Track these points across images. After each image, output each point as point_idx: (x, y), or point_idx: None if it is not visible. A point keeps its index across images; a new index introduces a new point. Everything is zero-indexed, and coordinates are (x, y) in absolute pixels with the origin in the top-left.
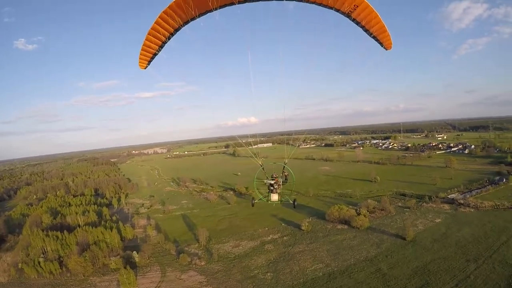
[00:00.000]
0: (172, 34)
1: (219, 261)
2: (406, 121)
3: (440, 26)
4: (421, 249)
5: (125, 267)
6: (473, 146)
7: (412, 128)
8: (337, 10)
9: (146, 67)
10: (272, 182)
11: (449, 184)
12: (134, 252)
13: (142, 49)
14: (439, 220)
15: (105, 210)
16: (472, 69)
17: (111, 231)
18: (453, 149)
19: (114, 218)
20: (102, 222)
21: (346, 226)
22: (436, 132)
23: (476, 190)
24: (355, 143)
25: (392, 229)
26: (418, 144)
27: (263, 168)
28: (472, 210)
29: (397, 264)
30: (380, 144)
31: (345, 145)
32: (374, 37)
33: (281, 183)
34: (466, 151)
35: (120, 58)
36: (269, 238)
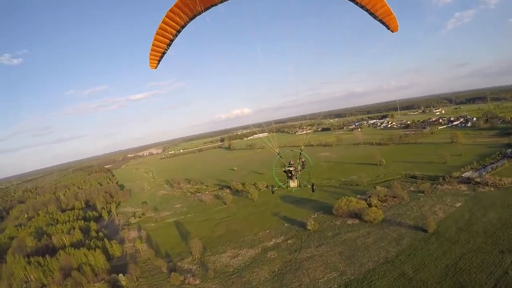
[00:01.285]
0: (178, 31)
1: (216, 278)
2: (400, 98)
3: (426, 1)
4: (447, 242)
5: None
6: (475, 119)
7: (407, 105)
8: None
9: (157, 66)
10: (291, 169)
11: (459, 161)
12: (121, 274)
13: (152, 49)
14: (460, 204)
15: (92, 225)
16: (462, 43)
17: (95, 251)
18: (454, 123)
19: (100, 234)
20: (87, 241)
21: (357, 221)
22: (433, 107)
23: (490, 166)
24: (352, 125)
25: (409, 220)
26: (418, 121)
27: (280, 157)
28: (492, 189)
29: (423, 265)
30: (378, 124)
31: (343, 128)
32: (379, 20)
33: (299, 169)
34: (469, 124)
35: (107, 62)
36: (271, 243)
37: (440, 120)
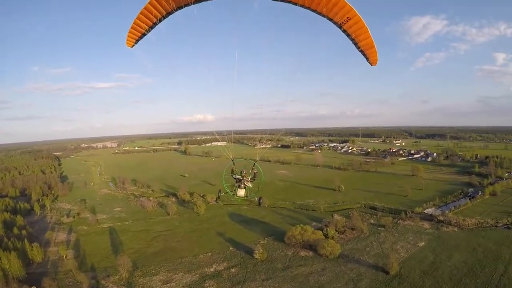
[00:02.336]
0: (164, 17)
1: None
2: (362, 126)
3: (400, 38)
4: (410, 287)
5: None
6: (435, 154)
7: (368, 133)
8: (330, 20)
9: (133, 45)
10: (241, 177)
11: (421, 195)
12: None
13: (132, 27)
14: (423, 243)
15: (19, 219)
16: (428, 81)
17: (10, 253)
18: (415, 156)
19: (23, 232)
20: (5, 240)
21: (311, 253)
22: (394, 138)
23: (453, 204)
24: (312, 145)
25: (369, 258)
26: (378, 149)
27: (234, 163)
28: (455, 229)
29: None
30: (339, 148)
31: (303, 147)
32: (361, 51)
33: (249, 179)
34: (429, 159)
35: (77, 44)
36: (211, 269)
37: (401, 152)
